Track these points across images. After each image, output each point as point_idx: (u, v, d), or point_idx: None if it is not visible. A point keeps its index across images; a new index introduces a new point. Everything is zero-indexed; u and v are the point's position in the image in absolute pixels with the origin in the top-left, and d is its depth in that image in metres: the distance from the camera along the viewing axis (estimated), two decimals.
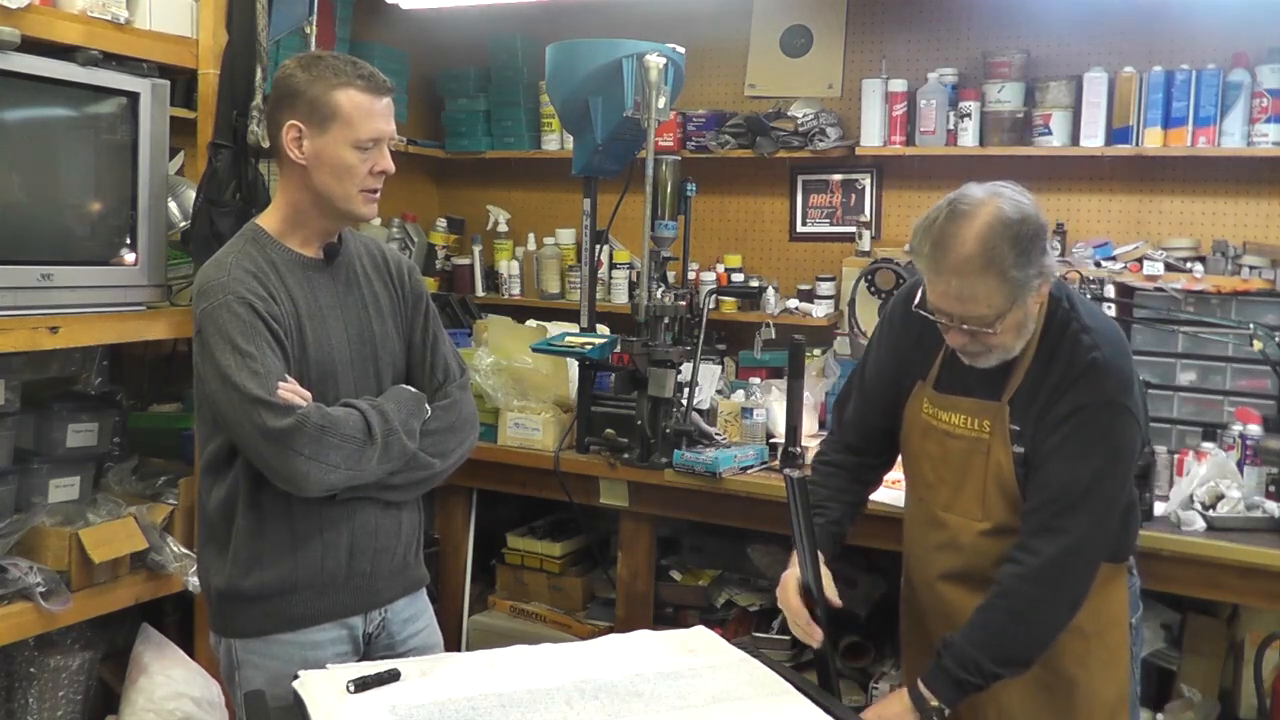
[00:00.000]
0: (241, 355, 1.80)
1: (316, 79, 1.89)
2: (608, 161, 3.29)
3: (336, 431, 1.81)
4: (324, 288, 1.97)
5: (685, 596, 3.33)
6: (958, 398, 1.98)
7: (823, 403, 3.60)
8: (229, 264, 1.89)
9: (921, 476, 2.08)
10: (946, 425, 2.00)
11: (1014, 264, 1.78)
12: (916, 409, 2.05)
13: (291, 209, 1.96)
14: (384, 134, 1.93)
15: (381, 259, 2.11)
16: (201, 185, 2.58)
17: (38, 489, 2.48)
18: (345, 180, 1.91)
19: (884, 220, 3.83)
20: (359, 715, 1.64)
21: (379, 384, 2.01)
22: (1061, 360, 1.89)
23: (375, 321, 2.02)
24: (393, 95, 1.97)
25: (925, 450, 2.05)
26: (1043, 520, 1.86)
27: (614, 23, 3.84)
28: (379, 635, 2.04)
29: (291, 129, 1.90)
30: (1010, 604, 1.86)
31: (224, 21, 2.59)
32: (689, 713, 1.68)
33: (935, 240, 1.82)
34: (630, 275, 3.95)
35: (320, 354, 1.93)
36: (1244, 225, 3.33)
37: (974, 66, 3.59)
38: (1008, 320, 1.84)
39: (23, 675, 2.52)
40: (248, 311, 1.83)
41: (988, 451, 1.94)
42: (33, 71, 2.25)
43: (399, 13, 4.00)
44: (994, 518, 1.96)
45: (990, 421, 1.94)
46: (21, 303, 2.26)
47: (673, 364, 3.03)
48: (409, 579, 2.09)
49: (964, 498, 2.00)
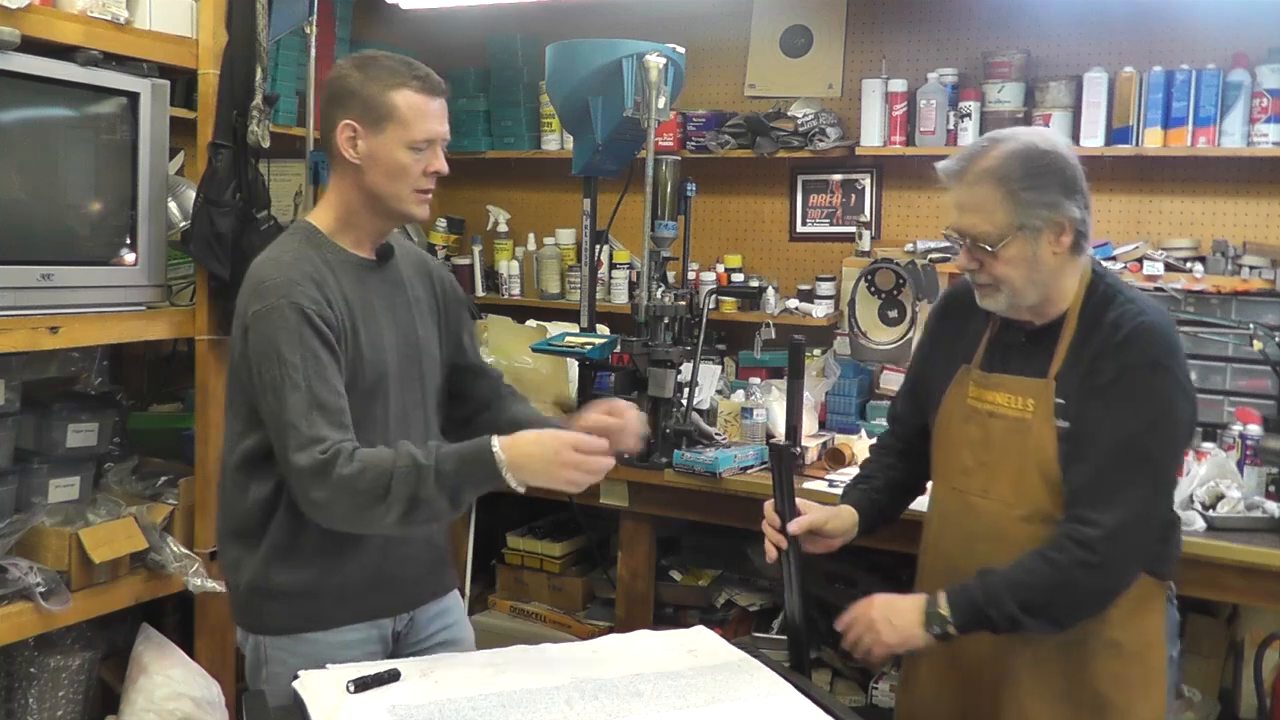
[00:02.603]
0: (284, 382, 1.77)
1: (372, 79, 1.89)
2: (608, 161, 3.30)
3: (352, 487, 1.73)
4: (375, 289, 1.97)
5: (685, 596, 3.33)
6: (1003, 376, 1.95)
7: (823, 403, 3.61)
8: (286, 263, 1.87)
9: (958, 463, 2.01)
10: (991, 405, 1.96)
11: (1022, 183, 1.81)
12: (959, 395, 2.02)
13: (344, 208, 1.96)
14: (438, 135, 1.92)
15: (422, 262, 2.12)
16: (201, 185, 2.58)
17: (38, 489, 2.48)
18: (399, 181, 1.90)
19: (884, 220, 3.83)
20: (359, 715, 1.63)
21: (422, 388, 2.01)
22: (1105, 327, 1.85)
23: (419, 325, 2.03)
24: (446, 96, 1.96)
25: (965, 435, 2.00)
26: (1098, 491, 1.81)
27: (614, 23, 3.85)
28: (407, 634, 2.04)
29: (346, 128, 1.89)
30: (1061, 558, 1.79)
31: (224, 21, 2.59)
32: (689, 713, 1.68)
33: (963, 155, 1.90)
34: (630, 275, 3.95)
35: (374, 356, 1.92)
36: (1244, 225, 3.33)
37: (974, 66, 3.59)
38: (1011, 249, 1.83)
39: (23, 675, 2.52)
40: (299, 319, 1.80)
41: (1029, 432, 1.89)
42: (33, 71, 2.25)
43: (399, 13, 4.00)
44: (1031, 502, 1.90)
45: (1035, 400, 1.90)
46: (21, 303, 2.26)
47: (673, 364, 3.04)
48: (440, 582, 2.09)
49: (1000, 482, 1.94)
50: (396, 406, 1.96)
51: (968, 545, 1.97)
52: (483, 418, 2.14)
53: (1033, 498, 1.90)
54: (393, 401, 1.95)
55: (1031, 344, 1.94)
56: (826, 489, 2.90)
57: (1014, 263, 1.85)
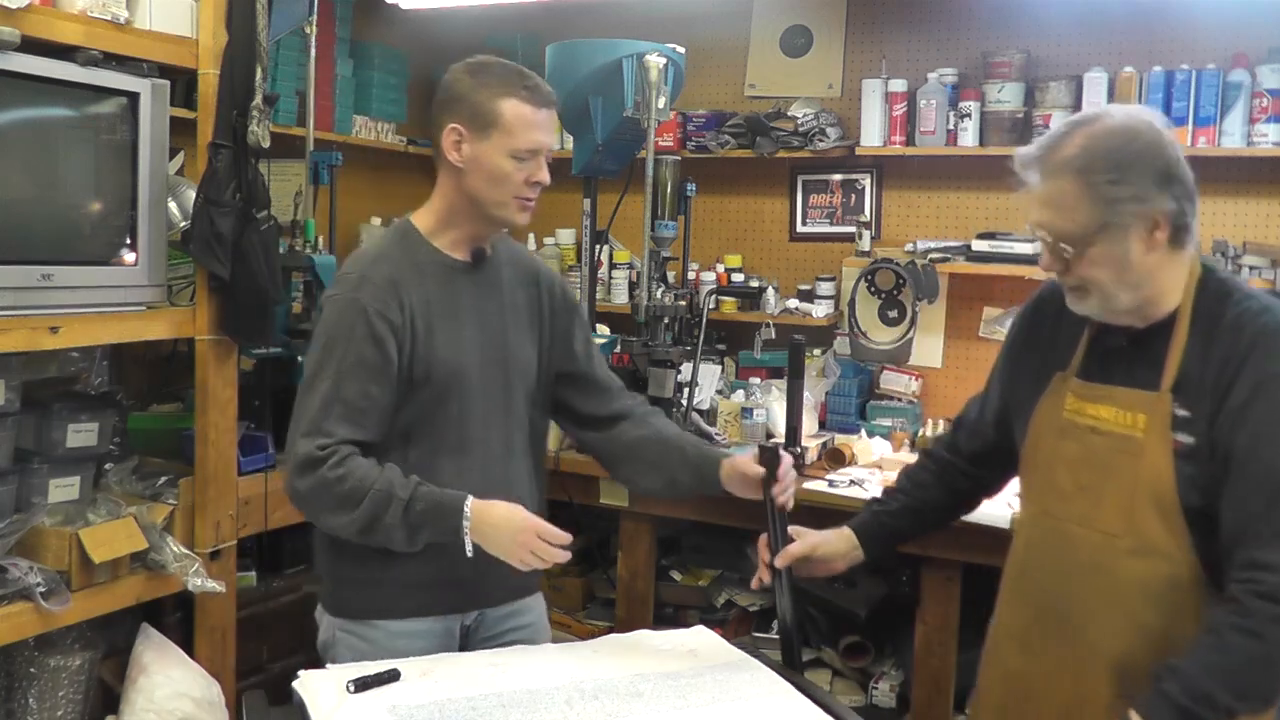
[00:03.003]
0: (321, 369, 1.88)
1: (482, 85, 1.92)
2: (608, 161, 3.30)
3: (329, 489, 1.82)
4: (465, 291, 2.00)
5: (685, 596, 3.33)
6: (1110, 387, 1.71)
7: (823, 403, 3.61)
8: (369, 259, 1.97)
9: (1053, 486, 1.76)
10: (1093, 420, 1.72)
11: (1106, 176, 1.60)
12: (1053, 407, 1.77)
13: (446, 209, 2.00)
14: (542, 145, 1.94)
15: (532, 270, 2.13)
16: (201, 185, 2.57)
17: (38, 489, 2.47)
18: (500, 187, 1.93)
19: (884, 220, 3.83)
20: (359, 715, 1.63)
21: (507, 392, 2.03)
22: (1226, 332, 1.62)
23: (511, 330, 2.04)
24: (555, 108, 1.98)
25: (1061, 454, 1.75)
26: (1267, 530, 1.54)
27: (614, 23, 3.85)
28: (477, 629, 2.06)
29: (452, 132, 1.93)
30: (1256, 624, 1.51)
31: (224, 21, 2.58)
32: (689, 713, 1.68)
33: (1043, 142, 1.68)
34: (630, 275, 3.95)
35: (450, 355, 1.95)
36: (1244, 225, 3.33)
37: (974, 66, 3.59)
38: (1097, 249, 1.62)
39: (23, 675, 2.51)
40: (357, 316, 1.88)
41: (1139, 453, 1.65)
42: (33, 71, 2.24)
43: (399, 13, 4.00)
44: (1141, 534, 1.65)
45: (1147, 416, 1.65)
46: (21, 303, 2.26)
47: (673, 364, 3.04)
48: (518, 585, 2.08)
49: (1105, 509, 1.69)
50: (475, 408, 1.98)
51: (1062, 581, 1.74)
52: (618, 428, 2.15)
53: (1144, 528, 1.65)
54: (470, 403, 1.97)
55: (1136, 349, 1.70)
56: (826, 489, 2.91)
57: (1101, 264, 1.63)
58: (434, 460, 1.96)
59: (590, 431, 2.18)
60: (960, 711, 2.86)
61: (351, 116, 3.97)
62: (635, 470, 2.13)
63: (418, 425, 1.96)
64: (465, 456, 1.98)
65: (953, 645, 2.78)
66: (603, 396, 2.16)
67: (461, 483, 1.95)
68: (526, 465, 2.08)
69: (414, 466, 1.94)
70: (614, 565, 3.27)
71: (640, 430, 2.13)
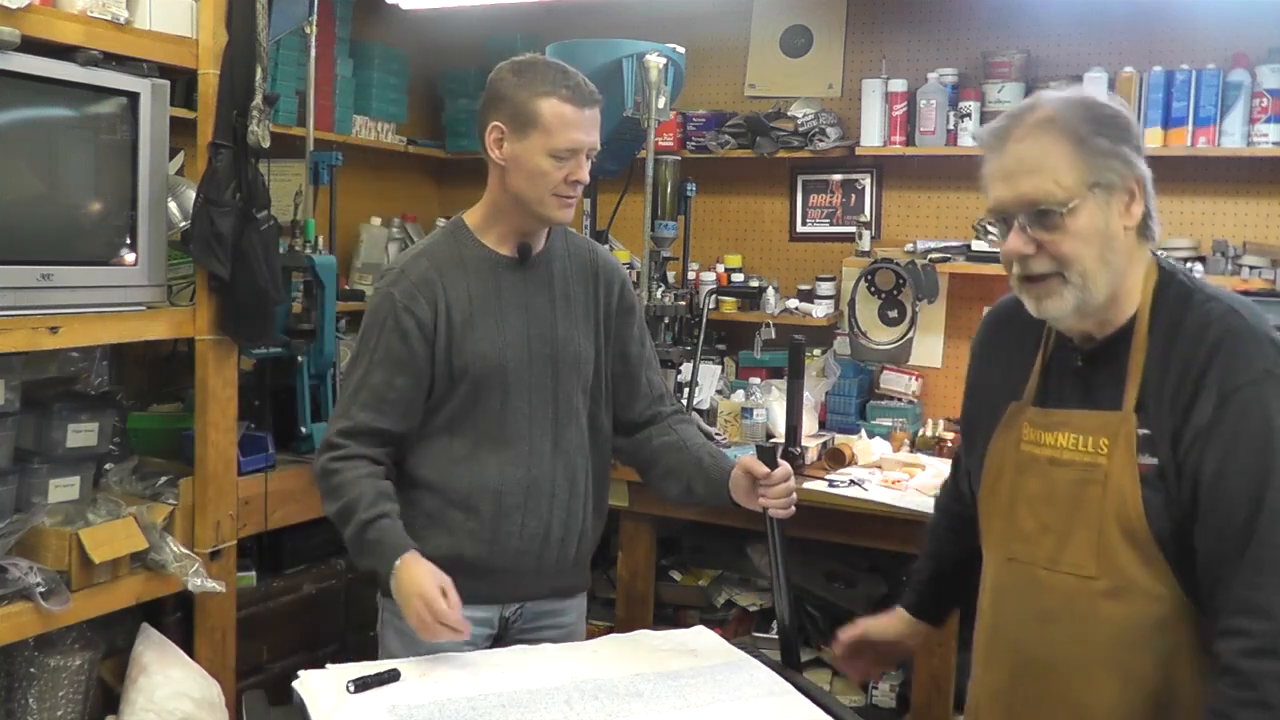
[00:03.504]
0: (358, 356, 2.00)
1: (524, 84, 1.94)
2: (608, 161, 3.30)
3: (323, 479, 1.96)
4: (512, 286, 2.03)
5: (685, 596, 3.33)
6: (1067, 411, 1.54)
7: (823, 403, 3.61)
8: (413, 255, 2.05)
9: (1016, 528, 1.58)
10: (1052, 450, 1.54)
11: (1092, 130, 1.44)
12: (1009, 441, 1.60)
13: (492, 205, 2.05)
14: (582, 145, 1.96)
15: (591, 264, 2.14)
16: (201, 185, 2.57)
17: (38, 489, 2.47)
18: (539, 185, 1.96)
19: (884, 220, 3.83)
20: (359, 715, 1.63)
21: (556, 387, 2.04)
22: (1186, 338, 1.44)
23: (562, 324, 2.05)
24: (599, 106, 1.99)
25: (1021, 491, 1.57)
26: (1255, 570, 1.35)
27: (614, 23, 3.85)
28: (516, 620, 2.08)
29: (494, 130, 1.96)
30: (1261, 696, 1.33)
31: (224, 21, 2.58)
32: (689, 713, 1.68)
33: (1006, 115, 1.52)
34: (630, 275, 3.94)
35: (490, 349, 1.99)
36: (1244, 225, 3.33)
37: (974, 66, 3.59)
38: (1082, 215, 1.43)
39: (23, 675, 2.51)
40: (390, 310, 1.97)
41: (1106, 481, 1.46)
42: (33, 71, 2.24)
43: (399, 13, 4.00)
44: (1116, 572, 1.47)
45: (1110, 440, 1.47)
46: (21, 303, 2.26)
47: (673, 364, 3.04)
48: (561, 583, 2.10)
49: (1073, 548, 1.50)
50: (519, 402, 2.01)
51: (1040, 630, 1.55)
52: (645, 433, 2.17)
53: (1118, 565, 1.47)
54: (514, 397, 2.00)
55: (1092, 367, 1.54)
56: (826, 489, 2.91)
57: (1085, 236, 1.44)
58: (476, 453, 2.00)
59: (621, 435, 2.19)
60: (960, 711, 2.86)
61: (351, 116, 3.97)
62: (657, 475, 2.15)
63: (460, 418, 2.00)
64: (507, 450, 2.01)
65: (953, 645, 2.78)
66: (642, 402, 2.18)
67: (504, 477, 2.00)
68: (581, 462, 2.09)
69: (458, 459, 2.00)
70: (614, 565, 3.27)
71: (665, 437, 2.15)
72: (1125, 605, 1.47)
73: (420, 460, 2.02)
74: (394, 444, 2.00)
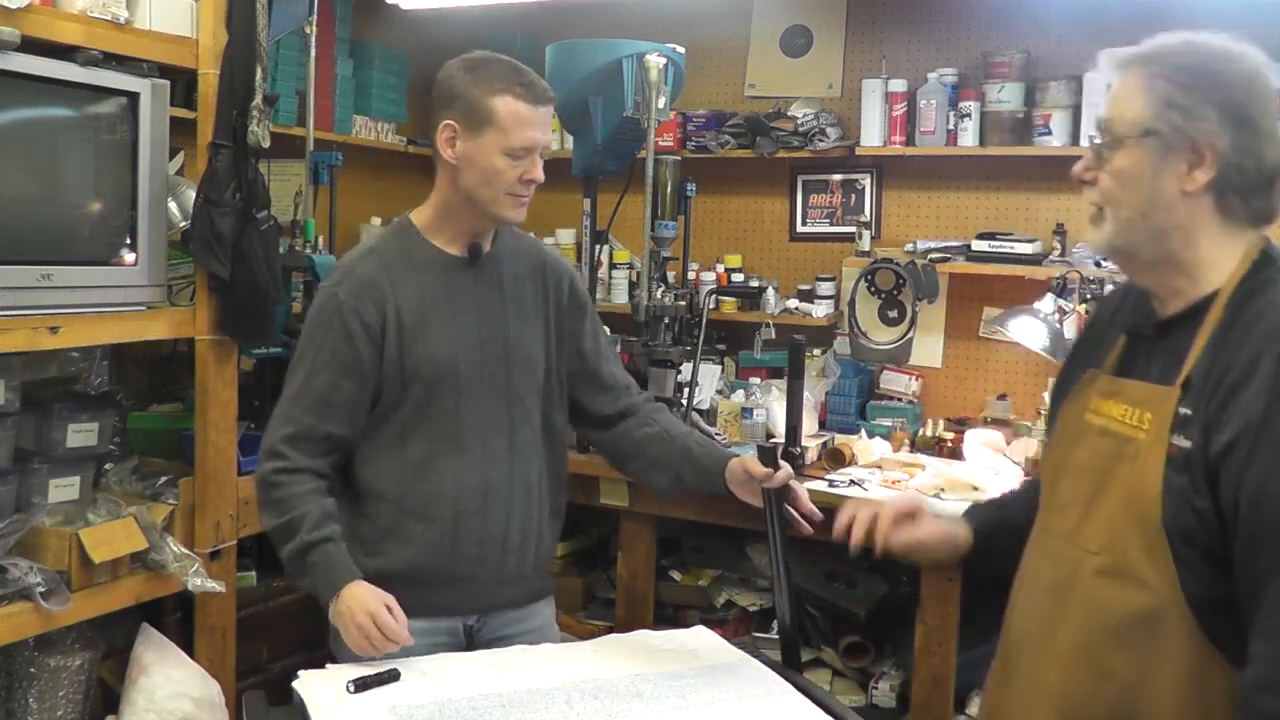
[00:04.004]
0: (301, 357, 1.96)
1: (478, 82, 1.92)
2: (608, 161, 3.30)
3: (265, 491, 1.93)
4: (462, 287, 2.00)
5: (685, 596, 3.33)
6: (1126, 380, 1.47)
7: (823, 403, 3.61)
8: (358, 256, 2.02)
9: (1055, 498, 1.53)
10: (1105, 419, 1.46)
11: (1169, 75, 1.41)
12: (1076, 408, 1.53)
13: (442, 205, 2.01)
14: (537, 143, 1.94)
15: (539, 263, 2.12)
16: (201, 185, 2.57)
17: (38, 489, 2.47)
18: (493, 184, 1.93)
19: (884, 220, 3.83)
20: (359, 715, 1.64)
21: (509, 388, 2.02)
22: (1246, 324, 1.34)
23: (513, 324, 2.03)
24: (553, 104, 1.98)
25: (1070, 461, 1.51)
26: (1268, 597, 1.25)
27: (614, 23, 3.85)
28: (480, 630, 2.05)
29: (446, 128, 1.93)
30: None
31: (224, 21, 2.58)
32: (689, 713, 1.68)
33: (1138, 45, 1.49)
34: (630, 275, 3.95)
35: (442, 351, 1.96)
36: None
37: (974, 66, 3.59)
38: (1123, 155, 1.40)
39: (23, 675, 2.51)
40: (334, 312, 1.94)
41: (1135, 456, 1.39)
42: (33, 71, 2.24)
43: (399, 13, 4.00)
44: (1116, 551, 1.38)
45: (1154, 415, 1.38)
46: (21, 303, 2.26)
47: (673, 364, 3.04)
48: (522, 590, 2.08)
49: (1090, 523, 1.44)
50: (473, 404, 1.99)
51: (1036, 602, 1.51)
52: (623, 425, 2.16)
53: (1119, 545, 1.38)
54: (466, 398, 1.98)
55: (1162, 338, 1.46)
56: (826, 489, 2.91)
57: (1123, 177, 1.40)
58: (431, 459, 1.97)
59: (597, 430, 2.18)
60: (960, 711, 2.86)
61: (351, 116, 3.97)
62: (641, 467, 2.13)
63: (413, 423, 1.97)
64: (463, 454, 1.98)
65: (953, 645, 2.78)
66: (610, 395, 2.16)
67: (460, 483, 1.96)
68: (536, 465, 2.06)
69: (413, 466, 1.96)
70: (614, 565, 3.27)
71: (646, 428, 2.13)
72: (1116, 589, 1.37)
73: (375, 471, 1.98)
74: (338, 450, 1.97)
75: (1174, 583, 1.33)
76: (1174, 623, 1.34)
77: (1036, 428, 3.31)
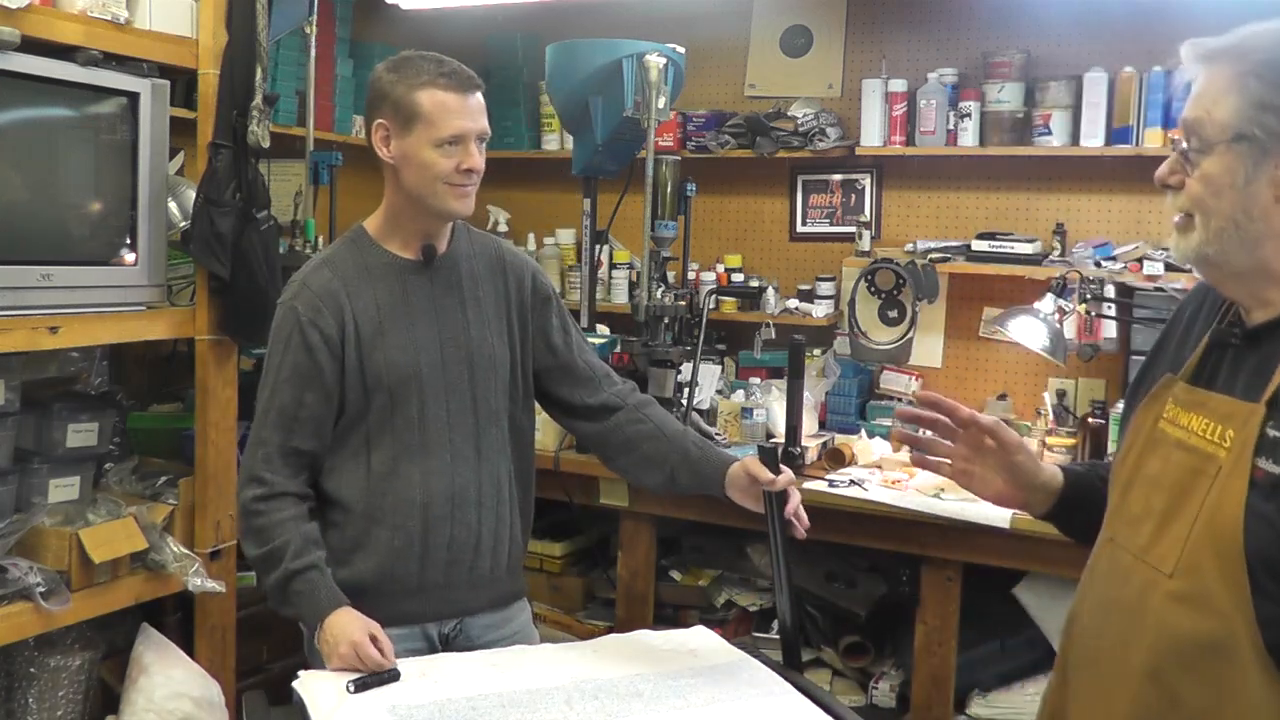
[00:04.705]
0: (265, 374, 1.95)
1: (401, 79, 1.92)
2: (608, 161, 3.30)
3: (246, 519, 1.91)
4: (419, 291, 1.99)
5: (685, 596, 3.33)
6: (1209, 393, 1.37)
7: (823, 403, 3.61)
8: (313, 267, 1.99)
9: (1125, 510, 1.43)
10: (1183, 432, 1.36)
11: (1262, 74, 1.31)
12: (1150, 415, 1.44)
13: (391, 210, 2.00)
14: (468, 131, 1.92)
15: (498, 260, 2.09)
16: (201, 185, 2.58)
17: (38, 489, 2.47)
18: (428, 177, 1.92)
19: (884, 220, 3.83)
20: (359, 715, 1.63)
21: (474, 390, 2.00)
22: None
23: (475, 325, 2.02)
24: (481, 91, 1.96)
25: (1142, 471, 1.42)
26: None
27: (614, 23, 3.85)
28: (456, 637, 2.03)
29: (380, 129, 1.94)
30: None
31: (224, 21, 2.58)
32: (689, 713, 1.68)
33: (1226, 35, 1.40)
34: (630, 275, 3.95)
35: (403, 357, 1.94)
36: None
37: (974, 66, 3.59)
38: (1213, 160, 1.32)
39: (23, 675, 2.51)
40: (293, 324, 1.93)
41: (1216, 476, 1.28)
42: (33, 71, 2.24)
43: (399, 13, 4.00)
44: (1192, 576, 1.28)
45: (1236, 432, 1.28)
46: (21, 303, 2.26)
47: (673, 364, 3.04)
48: (496, 593, 2.06)
49: (1164, 541, 1.33)
50: (437, 409, 1.97)
51: (1104, 618, 1.42)
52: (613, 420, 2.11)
53: (1196, 570, 1.28)
54: (430, 404, 1.96)
55: (1250, 349, 1.35)
56: (826, 489, 2.91)
57: (1212, 183, 1.31)
58: (397, 467, 1.95)
59: (582, 422, 2.14)
60: (960, 711, 2.86)
61: (351, 116, 3.97)
62: (632, 463, 2.10)
63: (378, 431, 1.95)
64: (429, 460, 1.96)
65: (953, 645, 2.78)
66: (589, 385, 2.12)
67: (428, 489, 1.95)
68: (505, 466, 2.05)
69: (379, 475, 1.94)
70: (614, 565, 3.27)
71: (639, 424, 2.09)
72: (1190, 616, 1.28)
73: (340, 481, 1.96)
74: (310, 467, 1.95)
75: (1249, 613, 1.24)
76: (1245, 654, 1.25)
77: (1036, 427, 3.31)
